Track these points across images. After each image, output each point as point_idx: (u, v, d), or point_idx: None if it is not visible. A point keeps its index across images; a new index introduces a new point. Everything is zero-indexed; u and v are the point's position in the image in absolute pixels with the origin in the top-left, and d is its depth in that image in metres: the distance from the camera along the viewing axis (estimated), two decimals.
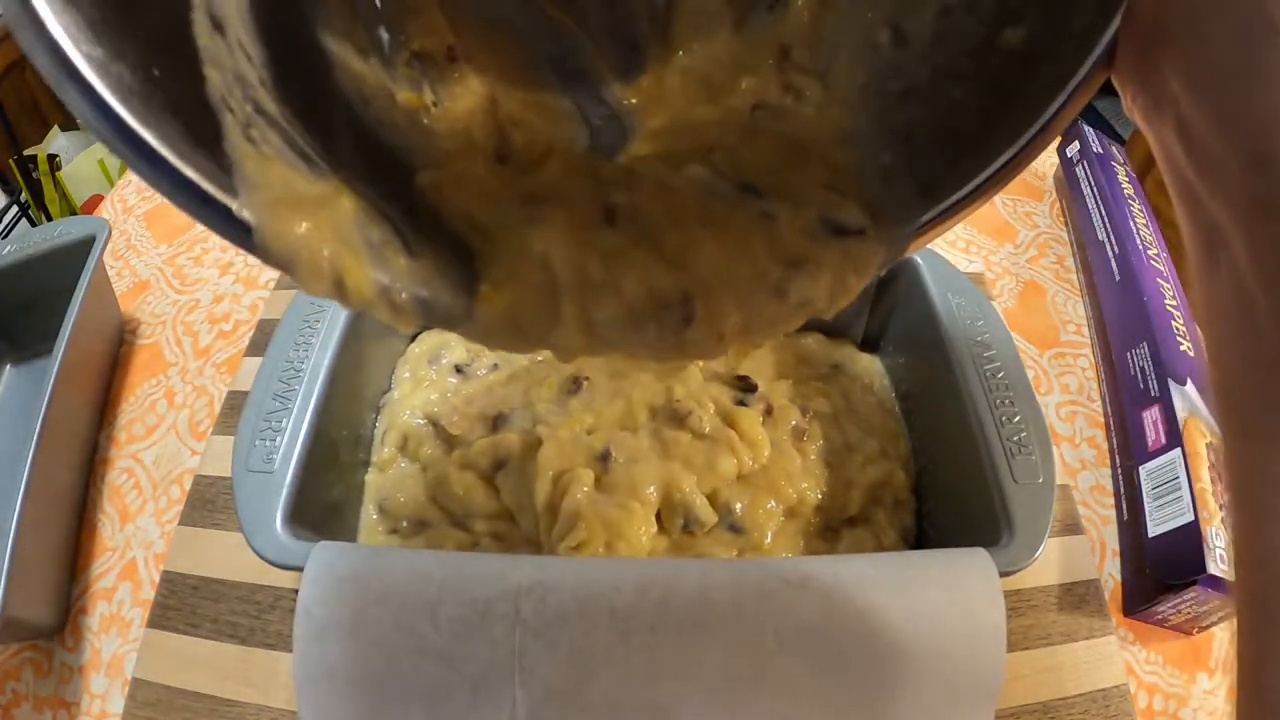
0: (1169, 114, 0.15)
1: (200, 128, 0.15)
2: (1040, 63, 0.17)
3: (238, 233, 0.15)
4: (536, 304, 0.18)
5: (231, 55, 0.16)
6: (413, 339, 0.46)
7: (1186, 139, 0.14)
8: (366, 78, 0.21)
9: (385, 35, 0.22)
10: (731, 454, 0.38)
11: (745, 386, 0.42)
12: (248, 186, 0.15)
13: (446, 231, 0.19)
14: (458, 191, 0.20)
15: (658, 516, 0.37)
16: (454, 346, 0.45)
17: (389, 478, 0.40)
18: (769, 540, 0.37)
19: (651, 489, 0.37)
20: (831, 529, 0.38)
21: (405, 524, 0.38)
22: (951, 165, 0.18)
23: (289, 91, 0.18)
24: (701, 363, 0.43)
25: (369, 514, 0.39)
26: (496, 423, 0.41)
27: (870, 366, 0.45)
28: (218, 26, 0.16)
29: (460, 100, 0.22)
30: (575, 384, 0.41)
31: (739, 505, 0.37)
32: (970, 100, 0.18)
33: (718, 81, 0.23)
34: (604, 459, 0.38)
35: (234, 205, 0.15)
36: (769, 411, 0.41)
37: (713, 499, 0.38)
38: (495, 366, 0.44)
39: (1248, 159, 0.13)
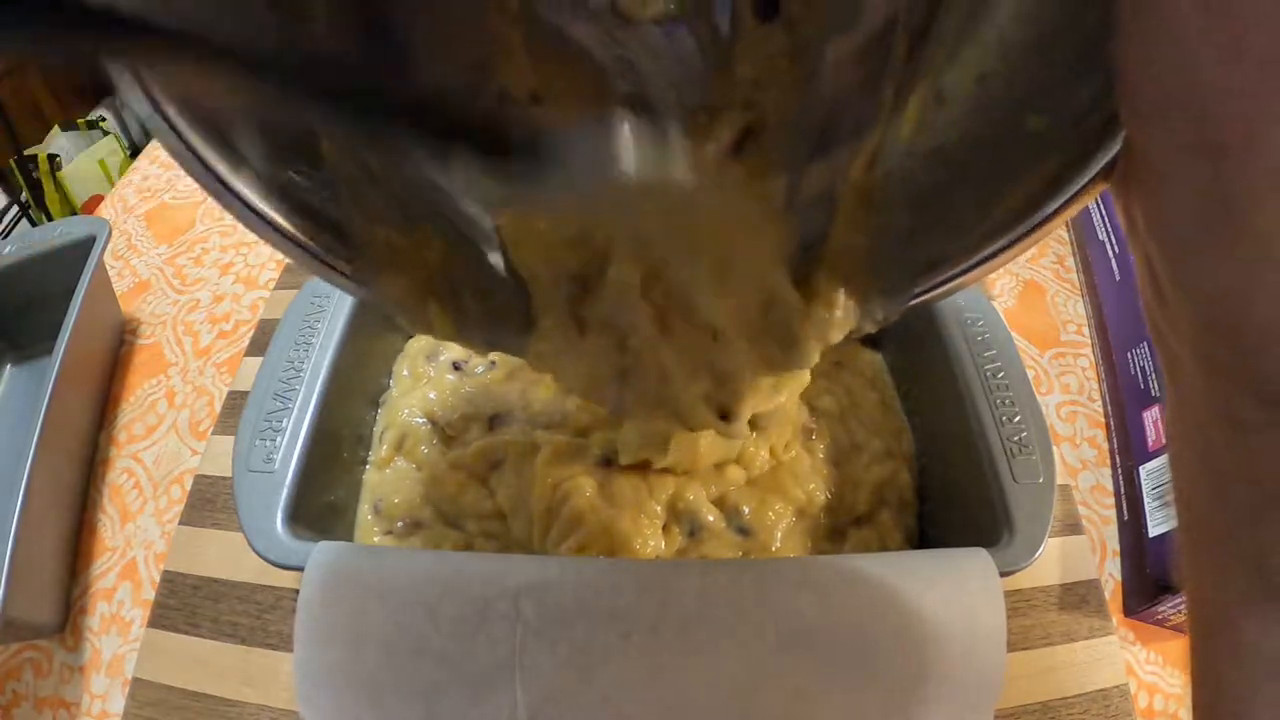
0: (1139, 244, 0.15)
1: (319, 203, 0.19)
2: (1052, 158, 0.17)
3: (356, 288, 0.21)
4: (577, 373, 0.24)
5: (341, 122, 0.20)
6: (411, 334, 0.46)
7: (1152, 274, 0.14)
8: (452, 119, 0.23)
9: (472, 77, 0.23)
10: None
11: None
12: (358, 248, 0.20)
13: (513, 268, 0.23)
14: (524, 245, 0.23)
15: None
16: (452, 343, 0.45)
17: (386, 477, 0.40)
18: (778, 543, 0.37)
19: (658, 506, 0.36)
20: (838, 531, 0.38)
21: (400, 524, 0.38)
22: (953, 238, 0.19)
23: (386, 144, 0.21)
24: None
25: (364, 514, 0.39)
26: (493, 423, 0.41)
27: (872, 362, 0.45)
28: None
29: None
30: None
31: (747, 508, 0.37)
32: (983, 175, 0.19)
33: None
34: (606, 465, 0.37)
35: (349, 269, 0.20)
36: None
37: (720, 502, 0.37)
38: (493, 364, 0.44)
39: (1200, 320, 0.13)
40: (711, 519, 0.36)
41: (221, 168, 0.17)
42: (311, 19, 0.19)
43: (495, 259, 0.24)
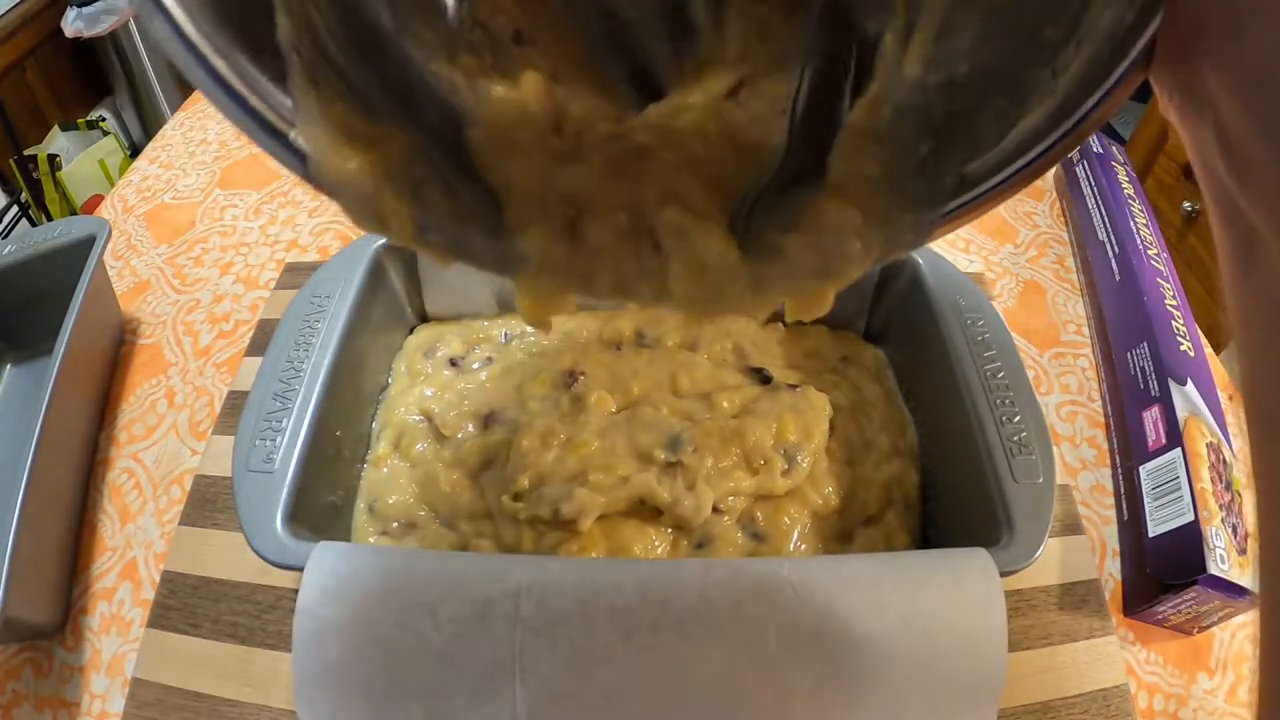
0: (1208, 116, 0.14)
1: (269, 66, 0.17)
2: (1078, 60, 0.16)
3: (293, 159, 0.17)
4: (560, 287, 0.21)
5: (303, 3, 0.18)
6: (410, 331, 0.46)
7: (1225, 142, 0.14)
8: (431, 38, 0.22)
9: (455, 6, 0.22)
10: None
11: (761, 379, 0.41)
12: (306, 120, 0.17)
13: (484, 182, 0.21)
14: (503, 157, 0.21)
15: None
16: (449, 339, 0.45)
17: (382, 476, 0.39)
18: (790, 548, 0.36)
19: (668, 530, 0.36)
20: (846, 532, 0.37)
21: (396, 525, 0.38)
22: (981, 158, 0.18)
23: (356, 43, 0.19)
24: (707, 355, 0.43)
25: (360, 515, 0.38)
26: (487, 420, 0.41)
27: (876, 356, 0.45)
28: None
29: (521, 74, 0.22)
30: (570, 378, 0.41)
31: (761, 515, 0.37)
32: (1007, 95, 0.18)
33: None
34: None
35: (291, 134, 0.17)
36: None
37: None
38: (489, 360, 0.44)
39: None
40: (719, 530, 0.36)
41: None
42: None
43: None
